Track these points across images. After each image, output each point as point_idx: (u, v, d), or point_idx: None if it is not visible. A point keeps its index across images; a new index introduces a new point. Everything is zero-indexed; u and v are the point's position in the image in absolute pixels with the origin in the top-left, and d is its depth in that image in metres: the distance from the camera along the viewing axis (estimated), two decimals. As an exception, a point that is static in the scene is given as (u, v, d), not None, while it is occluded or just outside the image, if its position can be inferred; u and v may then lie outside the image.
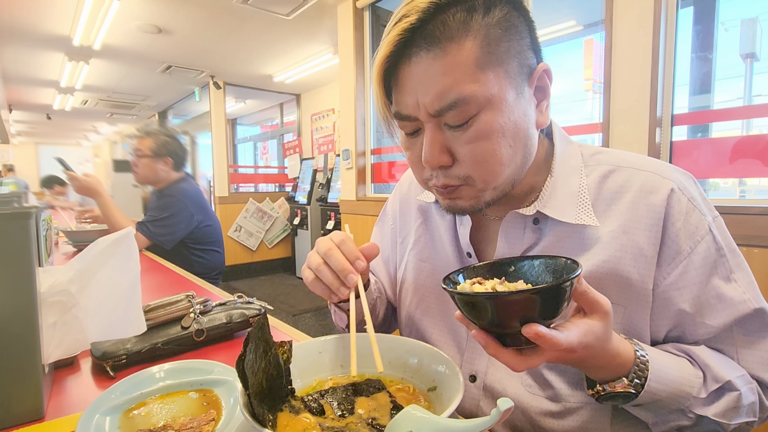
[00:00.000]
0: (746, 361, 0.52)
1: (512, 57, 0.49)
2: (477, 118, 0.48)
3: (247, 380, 0.38)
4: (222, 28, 3.32)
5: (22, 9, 2.88)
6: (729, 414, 0.49)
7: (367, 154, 2.88)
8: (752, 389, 0.51)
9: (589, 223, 0.54)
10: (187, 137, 2.14)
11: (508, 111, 0.49)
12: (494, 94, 0.48)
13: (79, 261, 0.61)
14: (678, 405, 0.49)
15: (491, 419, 0.31)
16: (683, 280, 0.52)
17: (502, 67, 0.48)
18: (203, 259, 2.06)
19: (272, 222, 5.31)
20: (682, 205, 0.52)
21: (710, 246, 0.52)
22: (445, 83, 0.47)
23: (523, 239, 0.58)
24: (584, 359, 0.44)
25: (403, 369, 0.50)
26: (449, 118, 0.49)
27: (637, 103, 1.51)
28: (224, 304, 0.83)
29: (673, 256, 0.52)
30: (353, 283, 0.52)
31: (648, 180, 0.54)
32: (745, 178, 1.68)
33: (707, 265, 0.51)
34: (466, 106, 0.47)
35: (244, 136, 7.15)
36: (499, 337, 0.41)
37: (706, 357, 0.50)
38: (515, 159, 0.52)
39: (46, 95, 5.42)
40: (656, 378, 0.46)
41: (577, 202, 0.56)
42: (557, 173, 0.57)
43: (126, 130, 8.14)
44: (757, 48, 1.86)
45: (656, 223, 0.52)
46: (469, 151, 0.50)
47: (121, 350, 0.68)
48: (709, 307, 0.52)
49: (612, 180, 0.56)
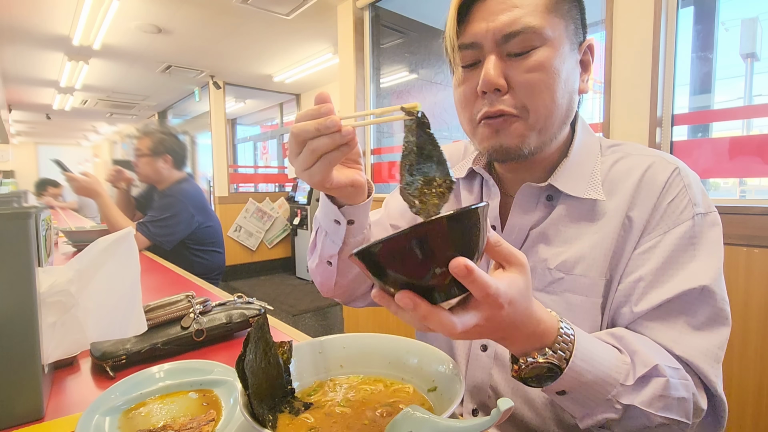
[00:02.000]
0: (688, 346, 0.51)
1: (571, 19, 0.57)
2: (538, 51, 0.54)
3: (247, 380, 0.37)
4: (222, 27, 3.32)
5: (22, 9, 2.88)
6: (655, 403, 0.46)
7: (367, 154, 2.88)
8: (685, 385, 0.49)
9: (596, 197, 0.58)
10: (186, 137, 2.14)
11: (564, 57, 0.55)
12: (556, 37, 0.54)
13: (79, 261, 0.61)
14: (605, 393, 0.45)
15: (491, 419, 0.31)
16: (650, 252, 0.55)
17: (564, 21, 0.55)
18: (203, 259, 2.06)
19: (272, 222, 5.30)
20: (677, 187, 0.56)
21: (687, 231, 0.54)
22: (518, 13, 0.53)
23: (534, 211, 0.62)
24: (511, 323, 0.39)
25: (403, 369, 0.50)
26: (513, 45, 0.54)
27: (637, 103, 1.51)
28: (224, 304, 0.83)
29: (653, 227, 0.56)
30: (336, 123, 0.45)
31: (654, 162, 0.58)
32: (745, 178, 1.68)
33: (677, 247, 0.54)
34: (532, 35, 0.53)
35: (244, 136, 7.15)
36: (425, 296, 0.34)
37: (635, 343, 0.49)
38: (564, 106, 0.57)
39: (45, 95, 5.42)
40: (582, 356, 0.43)
41: (588, 180, 0.60)
42: (573, 156, 0.61)
43: (126, 130, 8.14)
44: (757, 48, 1.86)
45: (654, 196, 0.56)
46: (527, 79, 0.54)
47: (120, 350, 0.68)
48: (659, 281, 0.53)
49: (621, 163, 0.61)
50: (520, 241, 0.63)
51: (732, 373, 1.32)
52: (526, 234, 0.63)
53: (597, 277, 0.57)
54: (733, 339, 1.28)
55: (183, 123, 7.21)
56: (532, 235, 0.62)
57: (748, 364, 1.29)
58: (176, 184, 2.02)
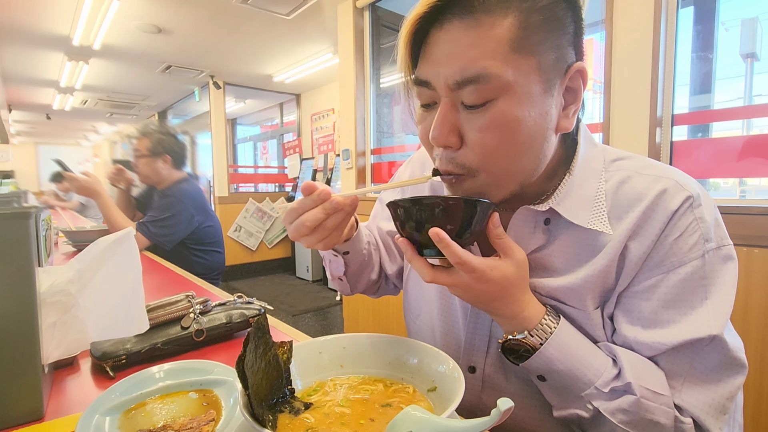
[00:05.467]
0: (689, 397, 0.47)
1: (548, 49, 0.45)
2: (496, 103, 0.45)
3: (247, 380, 0.37)
4: (222, 28, 3.32)
5: (22, 9, 2.88)
6: (618, 415, 0.47)
7: (367, 154, 2.88)
8: (665, 413, 0.46)
9: (601, 230, 0.51)
10: (186, 137, 2.14)
11: (530, 105, 0.46)
12: (520, 82, 0.45)
13: (79, 261, 0.61)
14: (578, 390, 0.49)
15: (491, 419, 0.31)
16: (650, 291, 0.49)
17: (535, 57, 0.45)
18: (204, 259, 2.06)
19: (272, 222, 5.30)
20: (687, 220, 0.49)
21: (696, 272, 0.48)
22: (471, 55, 0.44)
23: (532, 238, 0.55)
24: (491, 299, 0.49)
25: (403, 369, 0.50)
26: (467, 94, 0.45)
27: (637, 103, 1.51)
28: (224, 304, 0.83)
29: (655, 264, 0.49)
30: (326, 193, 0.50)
31: (668, 188, 0.50)
32: (745, 178, 1.68)
33: (683, 287, 0.48)
34: (488, 85, 0.44)
35: (243, 136, 7.15)
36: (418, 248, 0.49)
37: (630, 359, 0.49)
38: (526, 160, 0.49)
39: (45, 95, 5.42)
40: (557, 346, 0.49)
41: (592, 206, 0.52)
42: (576, 173, 0.54)
43: (126, 130, 8.14)
44: (757, 48, 1.86)
45: (659, 228, 0.49)
46: (480, 137, 0.47)
47: (120, 350, 0.68)
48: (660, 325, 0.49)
49: (629, 185, 0.52)
50: None
51: (732, 373, 1.32)
52: None
53: (590, 310, 0.52)
54: (733, 339, 1.28)
55: (183, 123, 7.21)
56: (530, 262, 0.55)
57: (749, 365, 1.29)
58: (176, 184, 2.02)
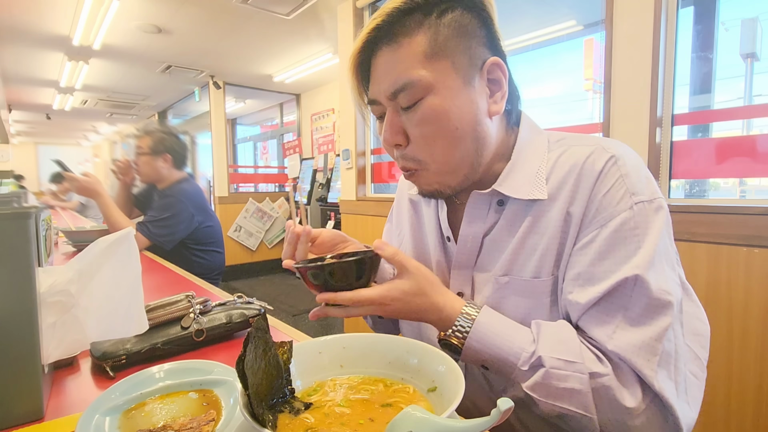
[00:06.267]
0: (621, 342, 0.50)
1: (460, 52, 0.55)
2: (424, 101, 0.55)
3: (247, 380, 0.37)
4: (222, 28, 3.32)
5: (22, 9, 2.88)
6: (536, 390, 0.51)
7: (367, 154, 2.88)
8: (580, 379, 0.49)
9: (539, 197, 0.57)
10: (187, 137, 2.14)
11: (453, 97, 0.55)
12: (439, 80, 0.55)
13: (79, 261, 0.61)
14: (508, 373, 0.53)
15: (491, 419, 0.31)
16: (587, 247, 0.54)
17: (449, 59, 0.55)
18: (203, 259, 2.06)
19: (272, 222, 5.30)
20: (612, 177, 0.54)
21: (626, 222, 0.52)
22: (398, 69, 0.55)
23: (486, 218, 0.62)
24: (406, 311, 0.56)
25: (403, 369, 0.50)
26: (402, 99, 0.56)
27: (637, 103, 1.51)
28: (224, 304, 0.83)
29: (590, 221, 0.55)
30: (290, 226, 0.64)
31: (593, 152, 0.57)
32: (745, 178, 1.68)
33: (615, 238, 0.52)
34: (414, 89, 0.55)
35: (244, 136, 7.15)
36: None
37: (548, 332, 0.53)
38: (465, 144, 0.57)
39: (45, 95, 5.42)
40: (477, 338, 0.54)
41: (533, 181, 0.59)
42: (515, 158, 0.61)
43: (126, 130, 8.14)
44: (757, 48, 1.86)
45: (589, 188, 0.55)
46: (419, 131, 0.57)
47: (120, 350, 0.68)
48: (597, 277, 0.52)
49: (565, 157, 0.59)
50: (475, 250, 0.63)
51: (732, 373, 1.32)
52: (480, 242, 0.63)
53: (545, 278, 0.57)
54: (733, 339, 1.29)
55: (183, 123, 7.21)
56: (486, 242, 0.62)
57: (748, 364, 1.29)
58: (176, 184, 2.02)
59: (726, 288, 1.32)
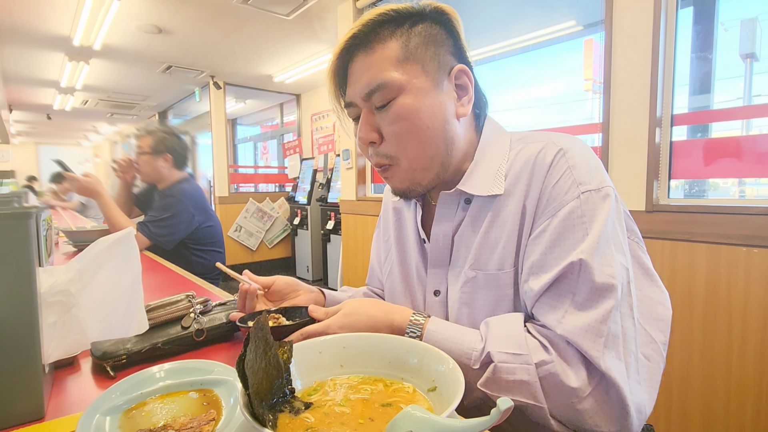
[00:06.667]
0: (568, 325, 0.51)
1: (430, 58, 0.60)
2: (396, 101, 0.59)
3: (247, 380, 0.38)
4: (222, 28, 3.32)
5: (22, 9, 2.88)
6: (488, 386, 0.52)
7: (367, 154, 2.88)
8: (527, 370, 0.51)
9: (496, 192, 0.61)
10: (187, 137, 2.14)
11: (423, 97, 0.59)
12: (411, 81, 0.59)
13: (80, 261, 0.61)
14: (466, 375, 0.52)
15: (491, 419, 0.31)
16: (540, 237, 0.56)
17: (419, 64, 0.59)
18: (204, 259, 2.06)
19: (272, 222, 5.31)
20: (560, 169, 0.57)
21: (574, 211, 0.54)
22: (373, 71, 0.59)
23: (454, 218, 0.66)
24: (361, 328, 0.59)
25: (403, 369, 0.50)
26: (376, 99, 0.60)
27: (637, 103, 1.51)
28: (224, 304, 0.83)
29: (542, 212, 0.57)
30: None
31: (544, 146, 0.60)
32: (744, 178, 1.68)
33: (564, 227, 0.54)
34: (387, 89, 0.59)
35: (244, 136, 7.15)
36: None
37: (495, 328, 0.55)
38: (435, 142, 0.61)
39: (46, 95, 5.42)
40: (430, 340, 0.56)
41: (493, 178, 0.62)
42: (478, 158, 0.65)
43: (126, 130, 8.14)
44: (757, 48, 1.86)
45: (541, 181, 0.58)
46: (392, 129, 0.60)
47: (121, 350, 0.68)
48: (548, 264, 0.55)
49: (522, 153, 0.62)
50: (447, 249, 0.66)
51: (732, 373, 1.32)
52: (450, 241, 0.66)
53: (508, 269, 0.59)
54: (733, 339, 1.29)
55: (183, 123, 7.22)
56: (455, 240, 0.65)
57: (748, 364, 1.29)
58: (176, 184, 2.02)
59: (725, 288, 1.32)
